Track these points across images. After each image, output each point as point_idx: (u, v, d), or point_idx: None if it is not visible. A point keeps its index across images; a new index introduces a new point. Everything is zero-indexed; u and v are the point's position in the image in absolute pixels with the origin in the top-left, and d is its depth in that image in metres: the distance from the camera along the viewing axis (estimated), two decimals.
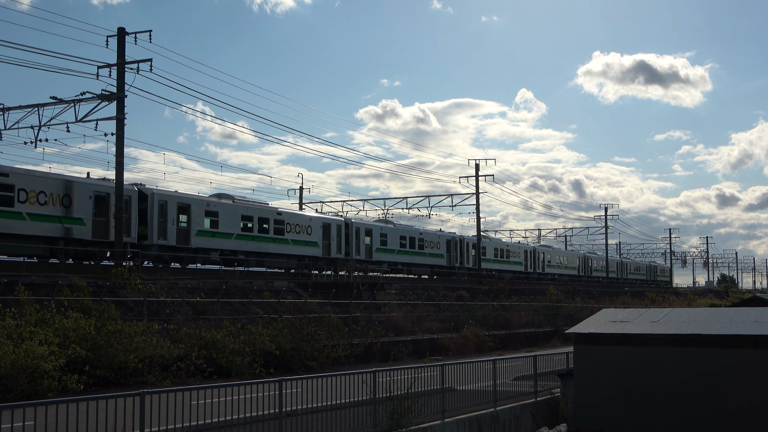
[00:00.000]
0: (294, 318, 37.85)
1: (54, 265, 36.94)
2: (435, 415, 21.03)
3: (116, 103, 38.89)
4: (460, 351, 44.56)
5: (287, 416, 16.86)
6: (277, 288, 46.61)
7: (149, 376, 28.13)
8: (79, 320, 28.00)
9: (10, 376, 23.58)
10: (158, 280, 38.26)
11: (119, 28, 39.69)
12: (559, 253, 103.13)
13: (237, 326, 34.69)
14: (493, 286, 69.88)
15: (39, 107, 39.61)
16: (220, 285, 41.20)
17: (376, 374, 19.48)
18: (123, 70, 39.19)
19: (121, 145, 39.13)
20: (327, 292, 47.06)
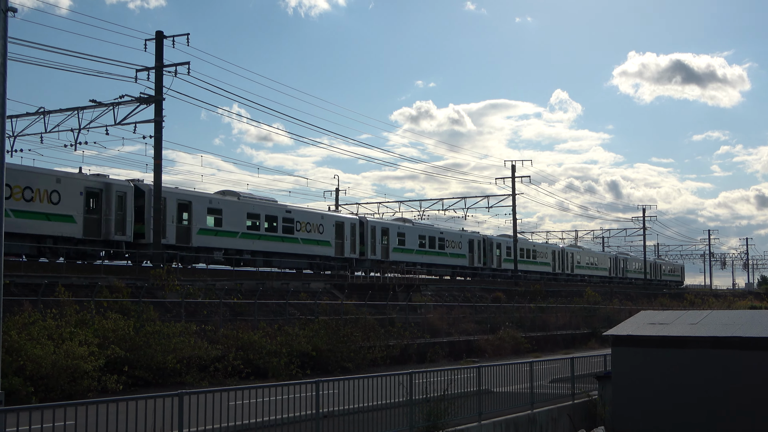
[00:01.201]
0: (330, 319, 37.99)
1: (94, 267, 37.29)
2: (471, 417, 20.98)
3: (154, 105, 39.25)
4: (497, 353, 44.43)
5: (324, 417, 16.92)
6: (314, 289, 46.74)
7: (187, 377, 28.37)
8: (119, 321, 28.30)
9: (51, 376, 23.86)
10: (196, 281, 38.56)
11: (157, 31, 40.07)
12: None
13: (274, 327, 34.88)
14: (530, 287, 69.55)
15: (78, 110, 40.10)
16: (256, 286, 41.39)
17: (413, 375, 19.50)
18: (161, 73, 39.54)
19: (159, 148, 39.48)
20: (363, 293, 47.11)
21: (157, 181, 39.45)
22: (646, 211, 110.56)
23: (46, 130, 40.59)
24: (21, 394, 22.39)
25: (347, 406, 17.76)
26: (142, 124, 39.72)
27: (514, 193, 75.83)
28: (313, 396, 16.83)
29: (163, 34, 39.95)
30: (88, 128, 40.06)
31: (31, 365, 23.58)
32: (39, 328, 25.31)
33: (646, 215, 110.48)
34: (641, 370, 23.50)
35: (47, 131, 40.59)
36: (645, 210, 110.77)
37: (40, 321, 25.93)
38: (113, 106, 39.42)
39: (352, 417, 17.64)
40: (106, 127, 39.88)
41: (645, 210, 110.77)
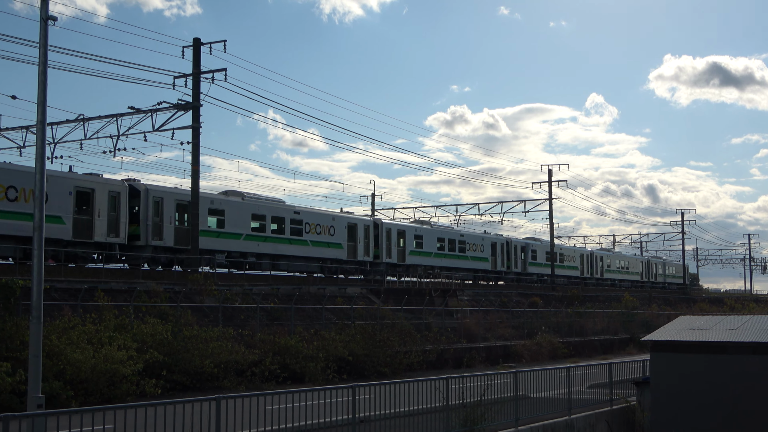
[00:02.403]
0: (366, 324, 38.01)
1: (132, 271, 37.66)
2: (508, 423, 20.91)
3: (191, 112, 39.62)
4: (534, 358, 44.20)
5: (360, 422, 16.94)
6: (350, 294, 46.80)
7: (225, 381, 28.53)
8: (157, 326, 28.53)
9: (90, 380, 24.09)
10: (233, 286, 38.78)
11: (195, 38, 40.46)
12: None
13: (310, 332, 34.97)
14: (567, 292, 69.08)
15: (117, 117, 40.63)
16: (293, 291, 41.54)
17: (449, 381, 19.46)
18: (198, 80, 39.92)
19: (197, 154, 39.84)
20: (399, 298, 47.08)
21: (194, 187, 39.79)
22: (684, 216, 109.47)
23: (86, 137, 41.20)
24: (61, 398, 22.61)
25: (383, 411, 17.76)
26: (180, 130, 40.20)
27: (550, 198, 75.51)
28: (350, 401, 16.86)
29: (200, 41, 40.35)
30: (126, 135, 40.60)
31: (71, 369, 23.83)
32: (79, 333, 25.58)
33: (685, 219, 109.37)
34: (680, 376, 23.27)
35: (87, 138, 41.22)
36: (683, 214, 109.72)
37: (79, 325, 26.20)
38: (151, 112, 39.86)
39: (389, 422, 17.64)
40: (144, 133, 40.41)
41: (683, 214, 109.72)
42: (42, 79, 18.94)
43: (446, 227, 68.58)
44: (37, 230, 18.43)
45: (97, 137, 41.08)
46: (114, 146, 40.83)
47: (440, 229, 65.27)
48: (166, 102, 39.66)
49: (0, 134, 42.69)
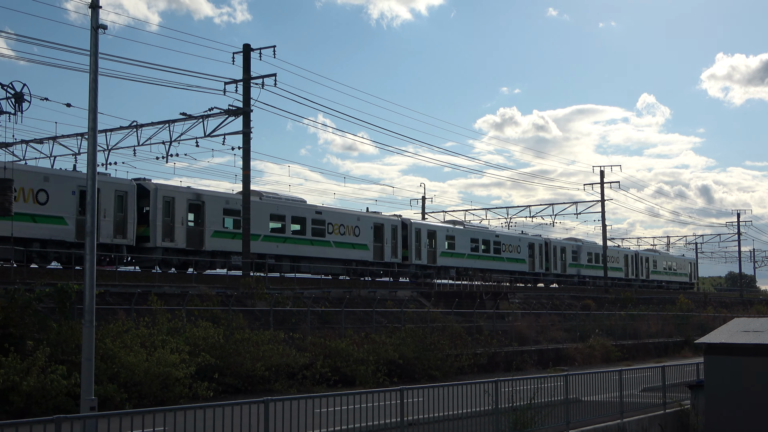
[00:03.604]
0: (417, 327, 38.00)
1: (185, 275, 38.09)
2: (559, 426, 20.74)
3: (242, 117, 39.96)
4: (587, 361, 43.78)
5: (409, 425, 16.93)
6: (400, 297, 46.80)
7: (276, 384, 28.72)
8: (209, 329, 28.80)
9: (144, 383, 24.41)
10: (284, 289, 39.01)
11: (245, 44, 40.83)
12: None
13: (361, 335, 35.05)
14: (620, 295, 68.29)
15: (169, 123, 41.15)
16: (344, 294, 41.66)
17: (498, 384, 19.35)
18: (249, 86, 40.26)
19: (248, 158, 40.16)
20: (450, 301, 46.98)
21: (245, 191, 40.13)
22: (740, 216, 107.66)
23: (139, 143, 41.81)
24: (115, 401, 22.96)
25: (433, 414, 17.72)
26: (231, 135, 40.58)
27: (603, 199, 74.76)
28: (398, 404, 16.86)
29: (250, 47, 40.69)
30: (178, 140, 41.10)
31: (125, 372, 24.19)
32: (132, 336, 25.95)
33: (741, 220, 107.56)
34: (735, 379, 22.86)
35: (140, 144, 41.82)
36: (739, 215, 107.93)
37: (133, 329, 26.57)
38: (203, 118, 40.31)
39: (438, 425, 17.60)
40: (196, 139, 40.88)
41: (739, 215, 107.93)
42: (93, 87, 19.27)
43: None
44: (89, 235, 18.75)
45: (150, 143, 41.66)
46: (167, 152, 41.37)
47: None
48: (217, 108, 40.10)
49: (56, 141, 43.49)
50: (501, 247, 64.17)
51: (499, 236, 64.84)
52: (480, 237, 62.39)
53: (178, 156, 41.50)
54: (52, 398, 21.97)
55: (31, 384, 21.60)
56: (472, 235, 61.52)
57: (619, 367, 32.46)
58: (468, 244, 60.69)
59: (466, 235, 60.84)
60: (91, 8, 19.55)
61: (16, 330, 23.69)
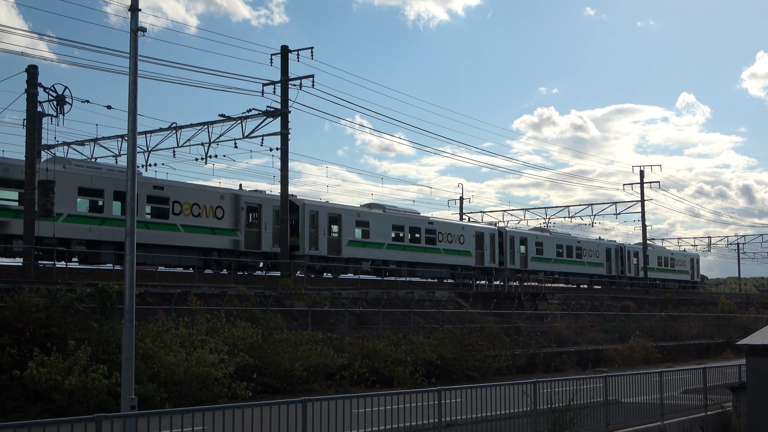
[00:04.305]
0: (455, 328, 37.92)
1: (223, 276, 38.36)
2: (598, 428, 20.58)
3: (280, 118, 40.13)
4: (626, 362, 43.42)
5: (446, 426, 16.88)
6: (438, 298, 46.74)
7: (314, 384, 28.81)
8: (247, 329, 28.96)
9: (183, 383, 24.59)
10: (322, 290, 39.13)
11: (282, 46, 41.00)
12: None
13: (398, 336, 35.05)
14: (660, 296, 67.63)
15: (208, 125, 41.45)
16: (381, 295, 41.71)
17: (537, 385, 19.25)
18: (286, 87, 40.43)
19: (286, 159, 40.34)
20: (488, 302, 46.83)
21: (284, 192, 40.31)
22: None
23: (179, 145, 42.15)
24: (156, 400, 23.15)
25: (471, 415, 17.66)
26: (269, 136, 40.80)
27: (642, 199, 74.13)
28: (435, 405, 16.82)
29: (288, 49, 40.86)
30: (217, 142, 41.38)
31: (165, 372, 24.39)
32: (172, 336, 26.16)
33: None
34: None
35: (179, 146, 42.16)
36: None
37: (173, 329, 26.79)
38: (241, 120, 40.53)
39: (475, 426, 17.54)
40: (234, 140, 41.13)
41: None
42: (132, 89, 19.44)
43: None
44: (129, 236, 18.89)
45: (189, 145, 41.98)
46: (206, 153, 41.66)
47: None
48: (255, 109, 40.31)
49: (97, 143, 44.00)
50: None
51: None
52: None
53: (216, 157, 41.81)
54: (93, 397, 22.22)
55: (72, 383, 21.87)
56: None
57: (660, 368, 32.18)
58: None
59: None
60: (131, 11, 19.73)
61: (58, 330, 24.00)
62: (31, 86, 31.66)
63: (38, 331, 23.40)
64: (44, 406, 21.94)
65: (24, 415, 21.37)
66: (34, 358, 22.09)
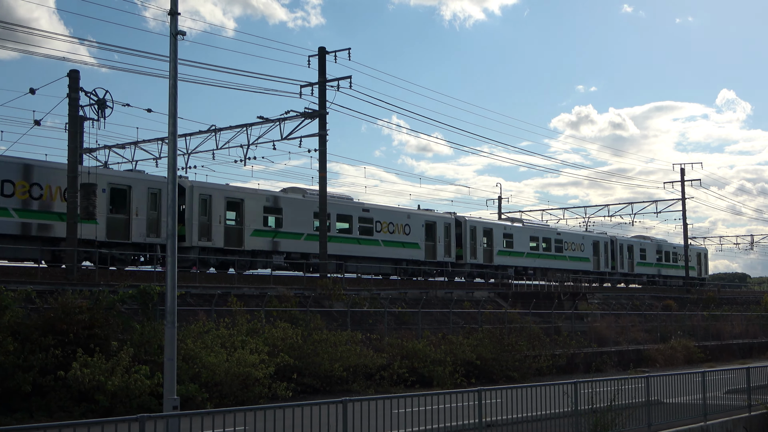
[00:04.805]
0: (494, 328, 37.81)
1: (264, 277, 38.58)
2: (640, 428, 20.44)
3: (318, 120, 40.30)
4: (668, 362, 43.03)
5: (487, 427, 16.86)
6: (477, 298, 46.63)
7: (354, 385, 28.88)
8: (287, 330, 29.10)
9: (224, 383, 24.75)
10: (361, 290, 39.21)
11: (320, 47, 41.17)
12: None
13: (438, 336, 35.03)
14: (703, 295, 66.88)
15: (247, 127, 41.71)
16: (420, 295, 41.68)
17: (578, 385, 19.16)
18: (324, 88, 40.59)
19: (324, 161, 40.49)
20: (527, 301, 46.63)
21: (322, 193, 40.46)
22: None
23: (218, 147, 42.47)
24: (197, 400, 23.34)
25: (511, 416, 17.61)
26: (307, 138, 40.94)
27: (683, 198, 73.45)
28: (476, 405, 16.80)
29: (326, 50, 41.01)
30: (256, 144, 41.64)
31: (206, 372, 24.57)
32: (213, 337, 26.37)
33: None
34: None
35: (218, 148, 42.47)
36: None
37: (213, 330, 26.99)
38: (279, 121, 40.73)
39: (516, 427, 17.49)
40: (273, 142, 41.37)
41: None
42: (173, 92, 19.58)
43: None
44: (171, 238, 19.02)
45: (228, 147, 42.26)
46: (244, 155, 41.93)
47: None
48: (293, 111, 40.48)
49: (137, 146, 44.46)
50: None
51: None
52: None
53: (255, 159, 42.11)
54: (136, 397, 22.43)
55: (115, 383, 22.10)
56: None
57: (702, 368, 31.85)
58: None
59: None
60: (170, 15, 19.86)
61: (101, 331, 24.26)
62: (73, 90, 32.04)
63: (81, 332, 23.67)
64: (88, 406, 22.19)
65: (68, 415, 21.66)
66: (78, 359, 22.37)
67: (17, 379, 21.75)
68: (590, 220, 78.71)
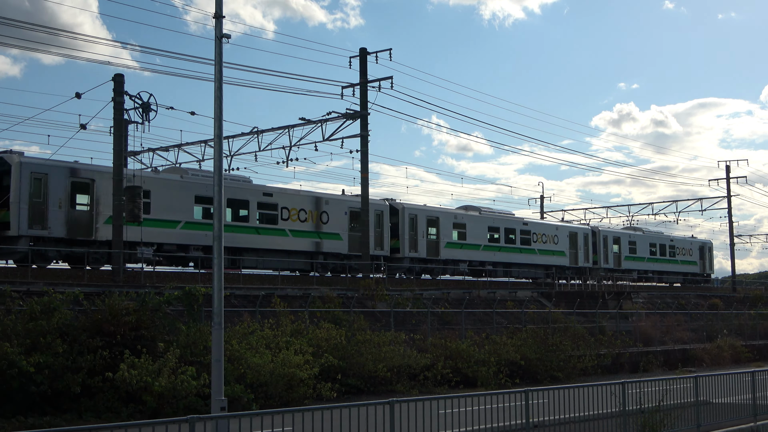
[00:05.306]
0: (538, 328, 37.61)
1: (307, 278, 38.77)
2: (689, 429, 20.24)
3: (360, 120, 40.40)
4: (715, 362, 42.56)
5: (534, 427, 16.79)
6: (521, 298, 46.43)
7: (398, 385, 28.90)
8: (331, 330, 29.19)
9: (269, 384, 24.90)
10: (403, 290, 39.22)
11: (361, 48, 41.26)
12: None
13: (481, 336, 34.95)
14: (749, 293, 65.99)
15: (289, 128, 41.92)
16: (463, 296, 41.61)
17: (626, 386, 19.02)
18: (365, 89, 40.69)
19: (366, 161, 40.57)
20: (571, 301, 46.36)
21: (364, 193, 40.57)
22: None
23: (260, 149, 42.72)
24: (243, 401, 23.52)
25: (557, 416, 17.53)
26: (349, 138, 41.05)
27: (729, 195, 72.55)
28: (522, 405, 16.73)
29: (367, 51, 41.09)
30: (298, 145, 41.82)
31: (251, 373, 24.73)
32: (257, 338, 26.52)
33: None
34: None
35: (261, 149, 42.71)
36: None
37: (258, 331, 27.15)
38: (321, 122, 40.89)
39: (563, 427, 17.41)
40: (315, 143, 41.56)
41: None
42: (218, 95, 19.71)
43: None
44: (216, 240, 19.14)
45: (270, 148, 42.51)
46: (287, 156, 42.12)
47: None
48: (335, 112, 40.60)
49: (181, 149, 44.87)
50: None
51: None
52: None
53: (297, 160, 42.26)
54: (182, 398, 22.61)
55: (162, 384, 22.30)
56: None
57: (750, 367, 31.47)
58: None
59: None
60: (215, 18, 19.99)
61: (147, 332, 24.51)
62: (118, 94, 32.44)
63: (128, 333, 23.93)
64: (135, 407, 22.41)
65: (116, 416, 21.93)
66: (125, 360, 22.60)
67: (66, 380, 22.02)
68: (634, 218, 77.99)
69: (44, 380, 21.62)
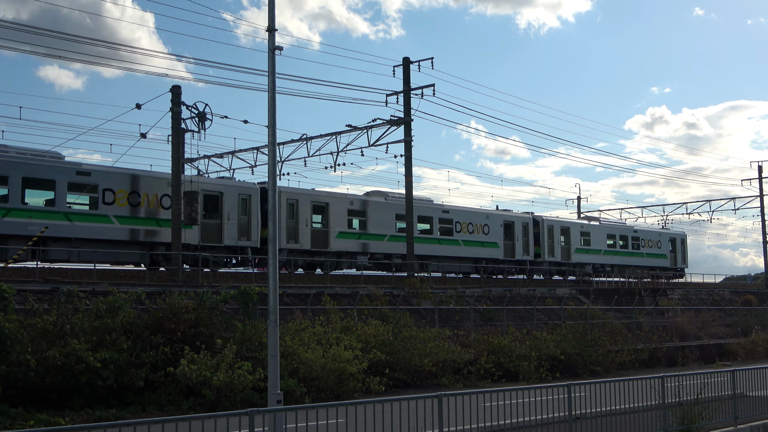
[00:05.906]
0: (577, 324, 38.38)
1: (354, 277, 39.89)
2: (727, 422, 20.72)
3: (404, 127, 41.64)
4: (749, 356, 43.08)
5: (576, 419, 17.49)
6: (560, 295, 47.13)
7: (443, 379, 29.89)
8: (378, 327, 30.19)
9: (321, 378, 25.92)
10: (447, 288, 40.13)
11: (404, 58, 42.48)
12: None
13: (522, 332, 35.78)
14: None
15: (336, 135, 43.52)
16: (504, 293, 42.42)
17: (665, 379, 19.63)
18: (409, 96, 41.88)
19: (410, 166, 41.77)
20: (608, 298, 46.97)
21: (408, 196, 41.74)
22: None
23: (309, 155, 44.43)
24: (296, 395, 24.51)
25: (598, 409, 18.17)
26: (393, 144, 42.36)
27: (762, 194, 72.63)
28: (565, 398, 17.46)
29: (410, 60, 42.26)
30: (345, 150, 43.36)
31: (304, 368, 25.77)
32: (309, 334, 27.58)
33: None
34: None
35: (309, 155, 44.40)
36: None
37: (309, 327, 28.23)
38: (366, 129, 42.44)
39: (604, 419, 18.03)
40: (361, 149, 43.21)
41: None
42: (271, 104, 20.57)
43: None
44: (272, 242, 19.99)
45: (318, 154, 44.23)
46: (334, 162, 43.82)
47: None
48: (379, 118, 42.14)
49: (234, 156, 46.46)
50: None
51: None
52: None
53: (344, 165, 43.70)
54: (239, 392, 23.60)
55: (220, 379, 23.35)
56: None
57: None
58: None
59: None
60: (268, 31, 20.85)
61: (205, 329, 25.63)
62: (175, 105, 33.70)
63: (188, 330, 25.06)
64: (195, 400, 23.47)
65: (177, 409, 23.02)
66: (185, 356, 23.69)
67: (131, 375, 23.16)
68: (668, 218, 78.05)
69: (110, 375, 22.72)
